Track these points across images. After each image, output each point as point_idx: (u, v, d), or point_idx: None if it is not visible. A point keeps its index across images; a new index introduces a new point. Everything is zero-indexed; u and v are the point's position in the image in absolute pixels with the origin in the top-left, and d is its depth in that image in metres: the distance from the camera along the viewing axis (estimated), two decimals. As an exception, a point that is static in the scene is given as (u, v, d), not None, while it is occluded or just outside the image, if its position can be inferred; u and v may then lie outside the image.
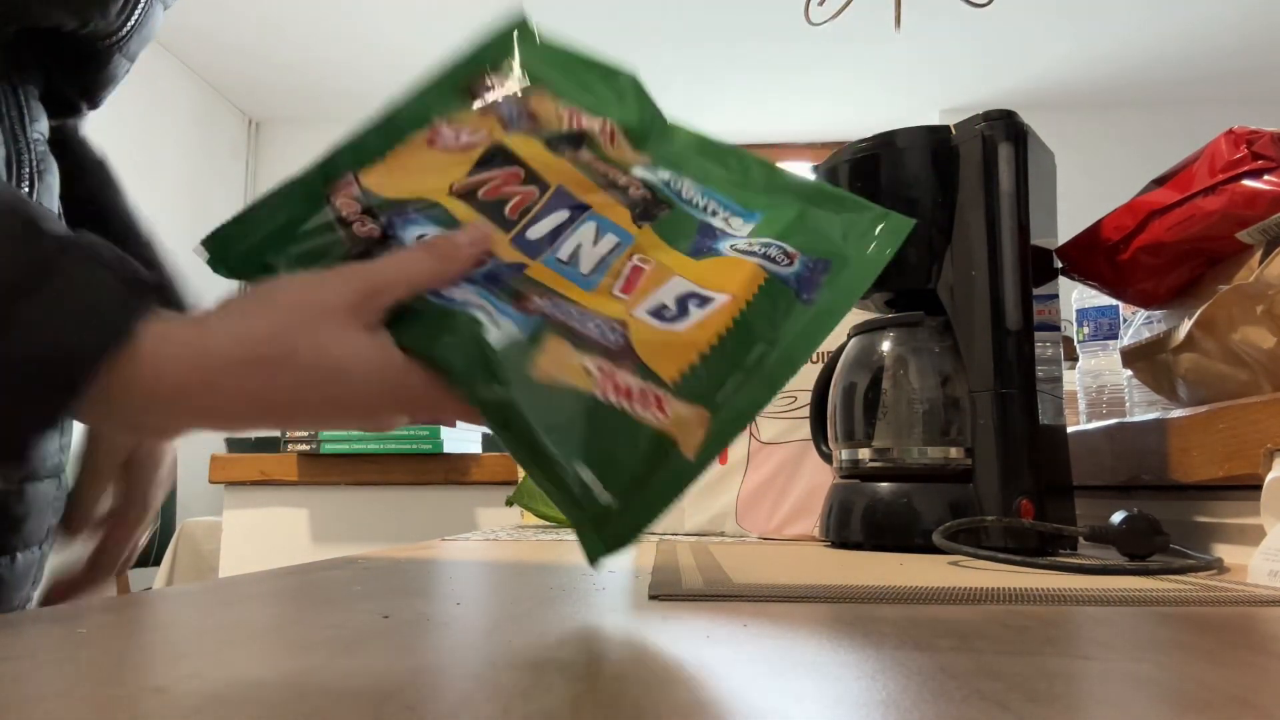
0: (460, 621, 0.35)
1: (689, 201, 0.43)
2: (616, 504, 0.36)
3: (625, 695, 0.23)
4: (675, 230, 0.41)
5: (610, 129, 0.44)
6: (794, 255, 0.40)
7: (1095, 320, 1.15)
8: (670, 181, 0.44)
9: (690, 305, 0.39)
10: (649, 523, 0.37)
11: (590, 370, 0.37)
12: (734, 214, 0.43)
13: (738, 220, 0.43)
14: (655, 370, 0.37)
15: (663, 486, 0.37)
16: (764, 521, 0.98)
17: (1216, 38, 3.78)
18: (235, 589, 0.46)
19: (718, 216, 0.43)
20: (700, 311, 0.38)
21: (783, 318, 0.39)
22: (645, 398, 0.37)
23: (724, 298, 0.39)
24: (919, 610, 0.39)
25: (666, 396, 0.37)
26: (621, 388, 0.37)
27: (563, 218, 0.41)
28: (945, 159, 0.78)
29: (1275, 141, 0.72)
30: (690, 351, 0.37)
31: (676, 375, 0.37)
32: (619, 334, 0.38)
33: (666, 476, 0.37)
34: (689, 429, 0.37)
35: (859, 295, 0.41)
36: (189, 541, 3.15)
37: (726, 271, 0.40)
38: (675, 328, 0.38)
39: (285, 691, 0.23)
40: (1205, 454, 0.70)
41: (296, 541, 1.70)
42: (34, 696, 0.22)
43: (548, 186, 0.42)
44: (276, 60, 4.02)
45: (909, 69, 4.06)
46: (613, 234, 0.41)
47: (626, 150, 0.44)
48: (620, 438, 0.36)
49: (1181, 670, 0.27)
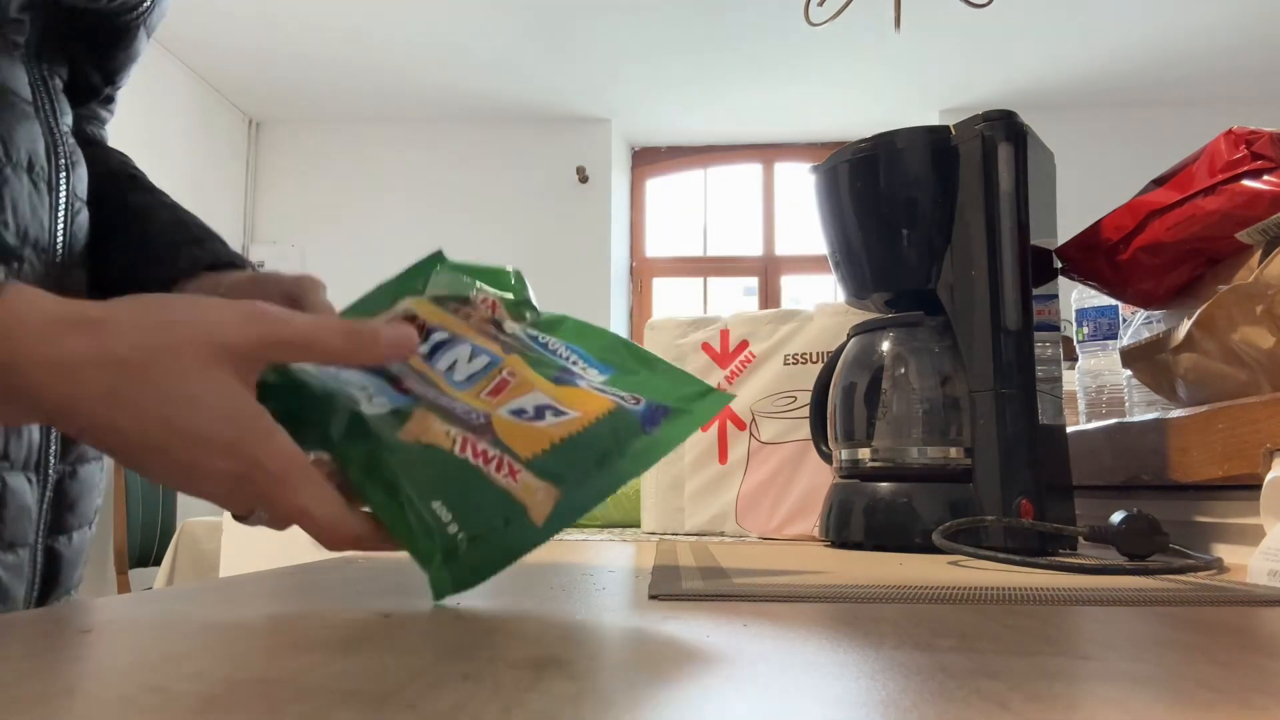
0: (460, 621, 0.35)
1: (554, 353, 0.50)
2: (465, 539, 0.40)
3: (625, 695, 0.23)
4: (539, 365, 0.48)
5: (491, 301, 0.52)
6: (640, 399, 0.47)
7: (1095, 320, 1.15)
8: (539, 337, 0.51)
9: (547, 414, 0.44)
10: (491, 572, 0.41)
11: (453, 435, 0.42)
12: (591, 366, 0.50)
13: (594, 372, 0.50)
14: (511, 447, 0.42)
15: (509, 543, 0.41)
16: (764, 521, 0.98)
17: (1216, 38, 3.78)
18: (235, 589, 0.46)
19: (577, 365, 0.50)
20: (555, 419, 0.44)
21: (627, 437, 0.45)
22: (500, 463, 0.42)
23: (577, 413, 0.45)
24: (919, 610, 0.39)
25: (519, 467, 0.42)
26: (479, 451, 0.42)
27: (443, 337, 0.48)
28: (945, 159, 0.78)
29: (1275, 142, 0.72)
30: (545, 439, 0.43)
31: (530, 454, 0.42)
32: (482, 416, 0.43)
33: (513, 534, 0.41)
34: (538, 499, 0.41)
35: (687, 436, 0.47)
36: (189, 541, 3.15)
37: (582, 398, 0.46)
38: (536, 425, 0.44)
39: (285, 691, 0.23)
40: (1205, 454, 0.70)
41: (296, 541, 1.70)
42: (34, 696, 0.22)
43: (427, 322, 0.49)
44: (276, 60, 4.02)
45: (909, 69, 4.06)
46: (485, 355, 0.47)
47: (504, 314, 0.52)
48: (473, 489, 0.41)
49: (1181, 670, 0.27)
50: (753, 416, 1.01)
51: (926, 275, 0.78)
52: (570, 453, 0.43)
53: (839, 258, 0.86)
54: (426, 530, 0.40)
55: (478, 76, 4.14)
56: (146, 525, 3.70)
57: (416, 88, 4.24)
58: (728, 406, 1.02)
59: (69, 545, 0.57)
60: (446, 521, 0.40)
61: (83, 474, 0.58)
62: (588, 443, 0.44)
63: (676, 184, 4.97)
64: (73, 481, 0.57)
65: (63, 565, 0.57)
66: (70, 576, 0.58)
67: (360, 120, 4.44)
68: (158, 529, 3.75)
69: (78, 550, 0.59)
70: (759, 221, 4.84)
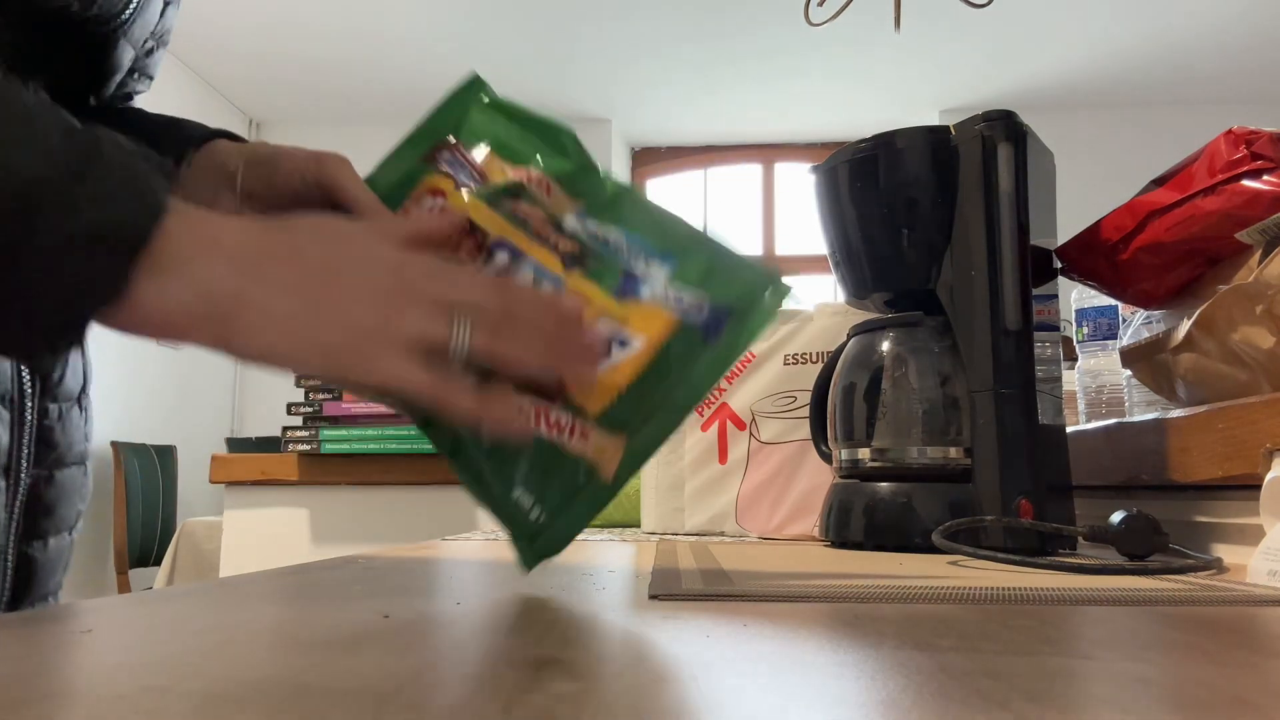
0: (460, 621, 0.35)
1: (614, 249, 0.50)
2: (546, 521, 0.44)
3: (625, 695, 0.23)
4: (601, 273, 0.48)
5: (546, 182, 0.51)
6: (703, 305, 0.47)
7: (1094, 320, 1.15)
8: (597, 232, 0.50)
9: (613, 347, 0.45)
10: (573, 536, 0.45)
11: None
12: (652, 258, 0.49)
13: (655, 263, 0.49)
14: (580, 405, 0.44)
15: (584, 506, 0.44)
16: (764, 521, 0.98)
17: (1216, 38, 3.78)
18: (235, 589, 0.46)
19: (639, 262, 0.49)
20: (620, 353, 0.45)
21: (690, 357, 0.45)
22: (573, 429, 0.43)
23: (641, 341, 0.45)
24: (919, 610, 0.39)
25: (590, 426, 0.44)
26: (552, 422, 0.43)
27: (505, 260, 0.48)
28: (945, 159, 0.78)
29: (1274, 142, 0.72)
30: (611, 390, 0.44)
31: (598, 409, 0.44)
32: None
33: (588, 497, 0.44)
34: (607, 455, 0.44)
35: (754, 339, 0.48)
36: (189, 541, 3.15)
37: (646, 317, 0.46)
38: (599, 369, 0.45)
39: (285, 691, 0.23)
40: (1204, 454, 0.70)
41: (296, 541, 1.70)
42: (34, 696, 0.22)
43: (488, 235, 0.48)
44: (276, 60, 4.02)
45: (909, 69, 4.06)
46: (548, 281, 0.47)
47: (561, 198, 0.51)
48: (550, 465, 0.43)
49: (1181, 670, 0.27)
50: (753, 416, 1.01)
51: (926, 275, 0.78)
52: (635, 397, 0.44)
53: (839, 258, 0.86)
54: (511, 519, 0.44)
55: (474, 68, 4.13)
56: (146, 525, 3.70)
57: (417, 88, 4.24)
58: (728, 407, 1.03)
59: (44, 551, 0.57)
60: (528, 508, 0.44)
61: (60, 479, 0.57)
62: (652, 380, 0.44)
63: (676, 184, 4.97)
64: (49, 486, 0.56)
65: (37, 570, 0.56)
66: (46, 582, 0.58)
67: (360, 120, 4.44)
68: (158, 529, 3.75)
69: (55, 556, 0.58)
70: (759, 221, 4.84)
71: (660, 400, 0.45)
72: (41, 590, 0.57)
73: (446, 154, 0.53)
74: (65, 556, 0.60)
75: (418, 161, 0.53)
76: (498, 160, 0.52)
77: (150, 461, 3.80)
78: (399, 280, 0.41)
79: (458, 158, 0.52)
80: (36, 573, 0.56)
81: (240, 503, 1.72)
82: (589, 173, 0.52)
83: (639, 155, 4.88)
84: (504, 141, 0.53)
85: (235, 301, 0.38)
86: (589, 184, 0.52)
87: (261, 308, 0.38)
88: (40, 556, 0.56)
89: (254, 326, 0.38)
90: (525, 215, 0.49)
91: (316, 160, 0.53)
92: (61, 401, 0.57)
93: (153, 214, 0.36)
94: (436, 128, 0.54)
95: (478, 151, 0.53)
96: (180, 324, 0.38)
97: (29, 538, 0.55)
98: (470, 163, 0.52)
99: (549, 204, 0.50)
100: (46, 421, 0.56)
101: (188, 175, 0.56)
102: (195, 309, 0.37)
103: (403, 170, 0.53)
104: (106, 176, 0.36)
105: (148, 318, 0.37)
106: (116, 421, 3.63)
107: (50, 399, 0.56)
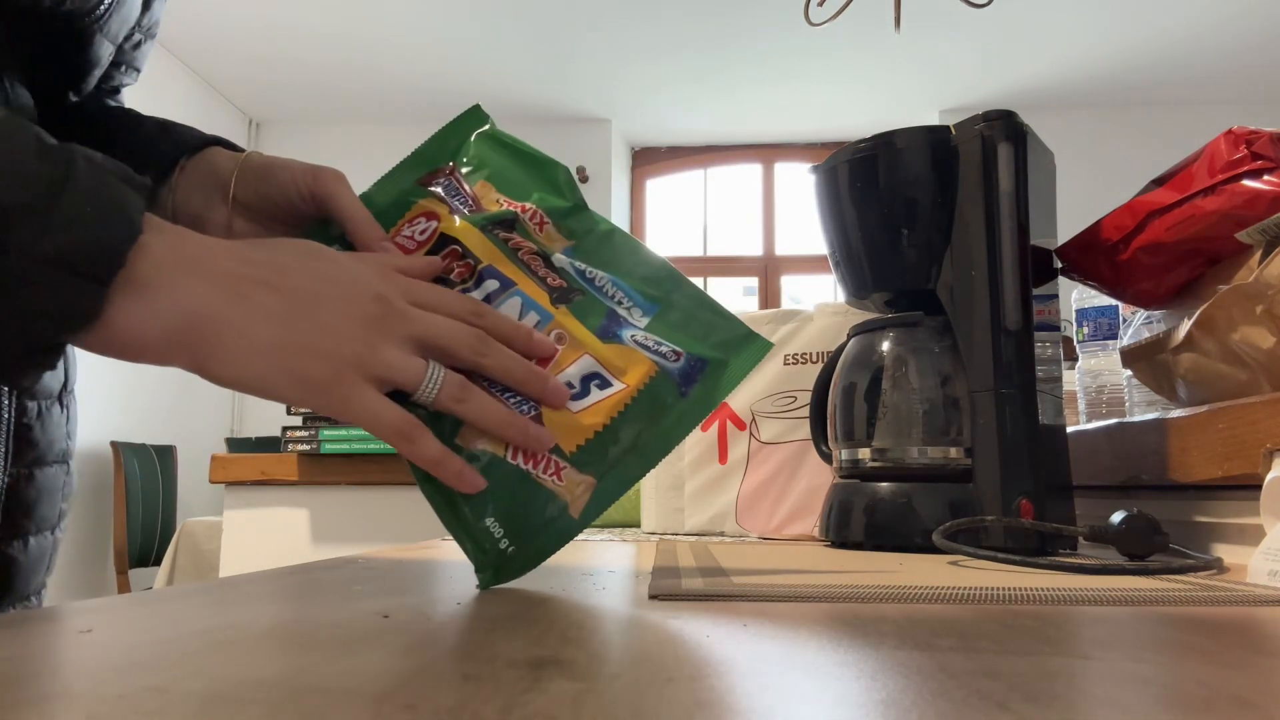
0: (460, 621, 0.35)
1: (600, 289, 0.51)
2: (514, 550, 0.45)
3: (625, 695, 0.23)
4: (587, 312, 0.49)
5: (540, 216, 0.52)
6: (680, 354, 0.48)
7: (1095, 320, 1.15)
8: (585, 271, 0.51)
9: (592, 386, 0.46)
10: (534, 565, 0.45)
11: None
12: (636, 305, 0.51)
13: (638, 311, 0.50)
14: (559, 443, 0.45)
15: (550, 538, 0.45)
16: (764, 521, 0.98)
17: (1217, 38, 3.78)
18: (235, 589, 0.46)
19: (622, 305, 0.50)
20: (599, 393, 0.46)
21: (664, 405, 0.47)
22: (548, 464, 0.45)
23: (620, 386, 0.46)
24: (919, 610, 0.39)
25: (564, 464, 0.45)
26: (529, 456, 0.44)
27: (494, 287, 0.48)
28: (945, 159, 0.78)
29: (1274, 141, 0.72)
30: (588, 430, 0.45)
31: (573, 448, 0.45)
32: (533, 408, 0.45)
33: (555, 531, 0.45)
34: (578, 493, 0.45)
35: (725, 396, 0.49)
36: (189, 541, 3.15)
37: (627, 360, 0.47)
38: (576, 408, 0.46)
39: (285, 691, 0.23)
40: (1205, 454, 0.70)
41: (296, 541, 1.70)
42: (34, 697, 0.22)
43: (480, 262, 0.49)
44: (276, 60, 4.02)
45: (909, 69, 4.06)
46: (534, 312, 0.48)
47: (552, 234, 0.52)
48: (523, 497, 0.44)
49: (1181, 670, 0.27)
50: (753, 416, 1.01)
51: (926, 275, 0.78)
52: (609, 439, 0.45)
53: (839, 258, 0.86)
54: (479, 546, 0.45)
55: (478, 77, 4.13)
56: (146, 525, 3.70)
57: (417, 88, 4.24)
58: (727, 406, 1.03)
59: (25, 551, 0.56)
60: (498, 538, 0.44)
61: (41, 478, 0.57)
62: (626, 423, 0.46)
63: (676, 184, 4.97)
64: (29, 485, 0.56)
65: (18, 571, 0.56)
66: (28, 583, 0.57)
67: (360, 120, 4.44)
68: (158, 529, 3.76)
69: (37, 556, 0.57)
70: (759, 221, 4.84)
71: (631, 445, 0.46)
72: (24, 590, 0.57)
73: (443, 179, 0.53)
74: (48, 556, 0.59)
75: (414, 184, 0.53)
76: (493, 191, 0.53)
77: (150, 461, 3.80)
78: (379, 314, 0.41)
79: (454, 183, 0.53)
80: (18, 573, 0.56)
81: (240, 503, 1.72)
82: (582, 211, 0.53)
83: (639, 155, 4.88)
84: (501, 173, 0.54)
85: (213, 326, 0.38)
86: (581, 222, 0.53)
87: (239, 333, 0.38)
88: (21, 557, 0.56)
89: (230, 353, 0.38)
90: (516, 245, 0.50)
91: (312, 174, 0.53)
92: (41, 399, 0.57)
93: (128, 236, 0.36)
94: (435, 153, 0.55)
95: (474, 180, 0.54)
96: (155, 347, 0.38)
97: (9, 537, 0.55)
98: (465, 190, 0.53)
99: (541, 238, 0.52)
100: (25, 420, 0.55)
101: (180, 182, 0.55)
102: (171, 333, 0.37)
103: (398, 190, 0.53)
104: (81, 198, 0.35)
105: (123, 340, 0.37)
106: (116, 421, 3.63)
107: (28, 396, 0.55)
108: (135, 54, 0.63)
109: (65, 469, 0.60)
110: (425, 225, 0.50)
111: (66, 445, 0.60)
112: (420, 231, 0.50)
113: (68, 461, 0.60)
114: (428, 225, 0.50)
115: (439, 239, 0.50)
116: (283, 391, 0.39)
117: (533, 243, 0.51)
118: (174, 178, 0.56)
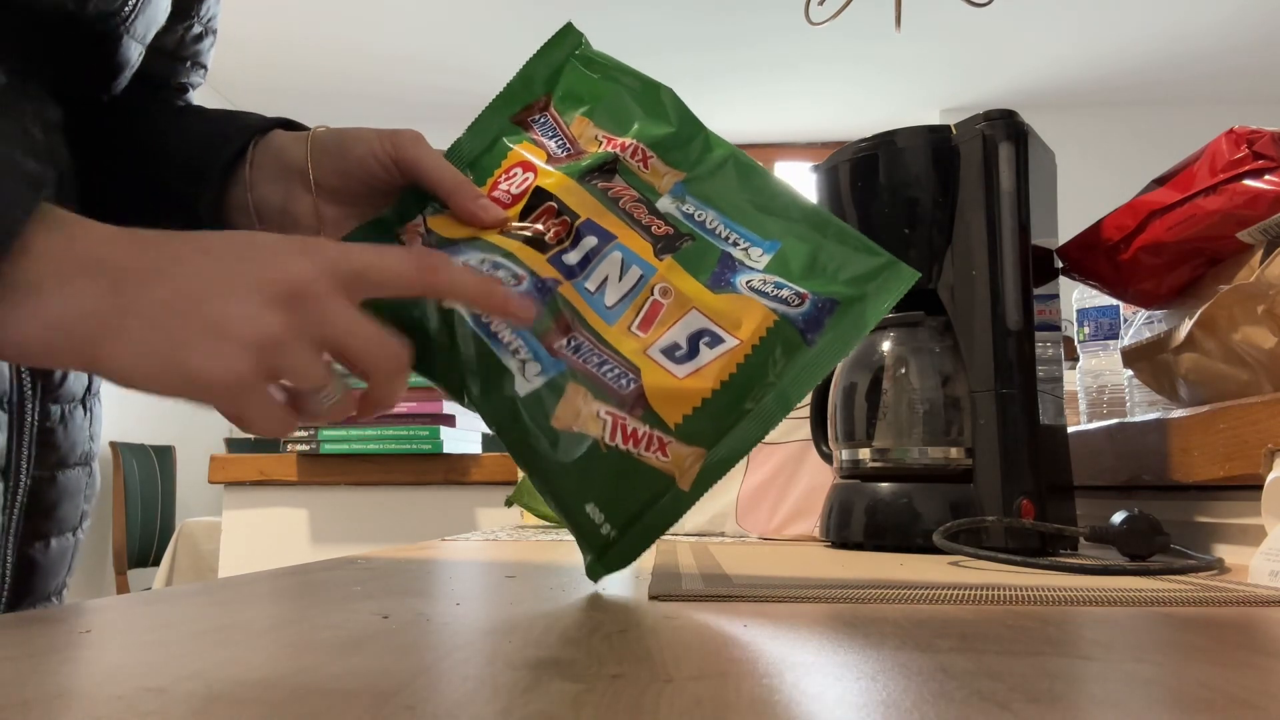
0: (460, 621, 0.35)
1: (712, 231, 0.46)
2: (617, 534, 0.42)
3: (625, 695, 0.23)
4: (697, 260, 0.45)
5: (642, 152, 0.48)
6: (805, 296, 0.43)
7: (1096, 320, 1.15)
8: (694, 213, 0.47)
9: (701, 345, 0.42)
10: (644, 548, 0.42)
11: (603, 418, 0.41)
12: (753, 244, 0.46)
13: (756, 250, 0.45)
14: (661, 416, 0.41)
15: (658, 516, 0.42)
16: (764, 522, 0.98)
17: (1217, 37, 3.77)
18: (235, 589, 0.46)
19: (738, 247, 0.45)
20: (709, 353, 0.42)
21: (785, 359, 0.42)
22: (650, 441, 0.41)
23: (733, 341, 0.42)
24: (919, 610, 0.38)
25: (668, 440, 0.41)
26: (629, 434, 0.41)
27: (592, 244, 0.45)
28: (946, 159, 0.78)
29: (1275, 141, 0.72)
30: (695, 398, 0.41)
31: (679, 419, 0.41)
32: (633, 380, 0.42)
33: (662, 507, 0.42)
34: (686, 465, 0.41)
35: (859, 340, 0.44)
36: (189, 541, 3.15)
37: (740, 311, 0.43)
38: (683, 372, 0.42)
39: (285, 691, 0.23)
40: (1206, 454, 0.70)
41: (296, 541, 1.70)
42: (34, 697, 0.22)
43: (577, 218, 0.46)
44: (276, 60, 4.02)
45: (909, 69, 4.06)
46: (637, 266, 0.44)
47: (659, 169, 0.48)
48: (623, 478, 0.41)
49: (1181, 670, 0.27)
50: (753, 416, 1.01)
51: (927, 275, 0.78)
52: (719, 406, 0.41)
53: (839, 258, 0.86)
54: (581, 533, 0.43)
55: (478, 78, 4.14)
56: (146, 525, 3.70)
57: (417, 90, 4.24)
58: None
59: (46, 552, 0.56)
60: (599, 523, 0.42)
61: (63, 480, 0.57)
62: (740, 386, 0.41)
63: (677, 184, 4.97)
64: (51, 488, 0.56)
65: (38, 573, 0.56)
66: (48, 584, 0.57)
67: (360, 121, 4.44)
68: (157, 529, 3.76)
69: (58, 557, 0.57)
70: (759, 221, 4.84)
71: (745, 408, 0.42)
72: (44, 591, 0.57)
73: (539, 116, 0.50)
74: (69, 557, 0.59)
75: (508, 121, 0.50)
76: (591, 127, 0.50)
77: (149, 461, 3.80)
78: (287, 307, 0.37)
79: (550, 120, 0.50)
80: (38, 574, 0.56)
81: (239, 503, 1.72)
82: (690, 136, 0.49)
83: (639, 155, 4.87)
84: (600, 104, 0.50)
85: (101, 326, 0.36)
86: (689, 152, 0.48)
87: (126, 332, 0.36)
88: (41, 558, 0.56)
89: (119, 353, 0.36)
90: (617, 195, 0.46)
91: (391, 140, 0.49)
92: (64, 403, 0.57)
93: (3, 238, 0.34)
94: (530, 83, 0.51)
95: (570, 116, 0.50)
96: (38, 352, 0.36)
97: (30, 539, 0.55)
98: (563, 129, 0.49)
99: (647, 176, 0.47)
100: (48, 423, 0.55)
101: (254, 178, 0.53)
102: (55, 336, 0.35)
103: (492, 134, 0.50)
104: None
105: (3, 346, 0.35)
106: (116, 421, 3.63)
107: (51, 400, 0.56)
108: (198, 48, 0.61)
109: (88, 470, 0.60)
110: (522, 178, 0.47)
111: (89, 447, 0.60)
112: (516, 185, 0.47)
113: (90, 463, 0.60)
114: (524, 178, 0.47)
115: (534, 194, 0.47)
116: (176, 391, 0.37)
117: (636, 187, 0.47)
118: (246, 173, 0.53)
